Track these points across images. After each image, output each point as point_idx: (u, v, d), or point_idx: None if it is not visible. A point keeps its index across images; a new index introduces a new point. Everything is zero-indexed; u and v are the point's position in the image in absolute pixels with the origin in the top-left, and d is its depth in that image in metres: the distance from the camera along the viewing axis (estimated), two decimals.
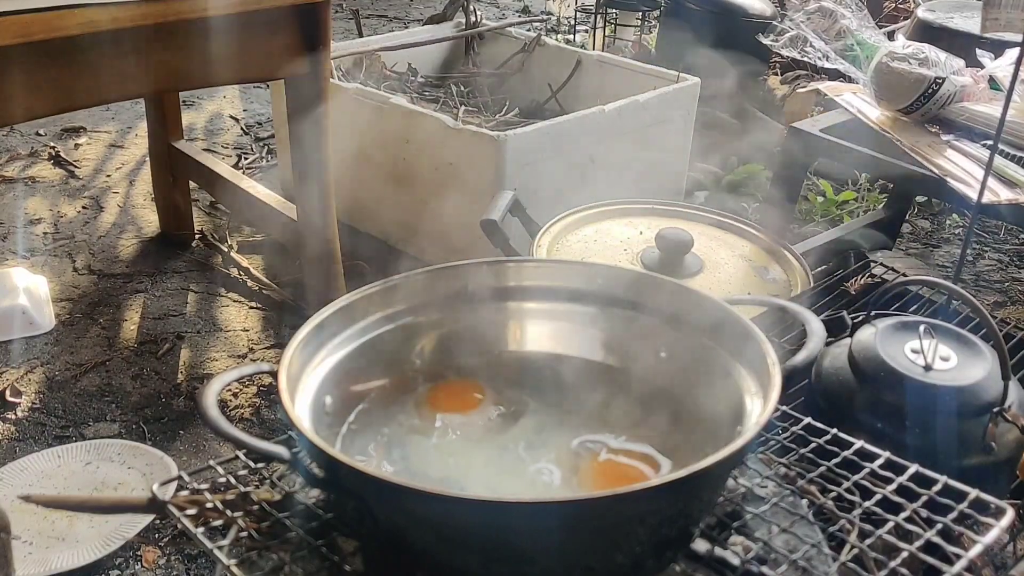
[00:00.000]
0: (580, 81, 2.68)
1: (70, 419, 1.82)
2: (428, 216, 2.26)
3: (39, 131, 3.11)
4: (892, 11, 3.51)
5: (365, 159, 2.33)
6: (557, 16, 4.35)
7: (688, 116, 2.45)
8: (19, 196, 2.71)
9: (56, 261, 2.38)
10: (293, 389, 0.79)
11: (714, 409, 0.84)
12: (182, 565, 1.51)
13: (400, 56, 2.75)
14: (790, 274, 1.47)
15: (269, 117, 3.22)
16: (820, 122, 1.84)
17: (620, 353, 0.94)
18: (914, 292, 1.37)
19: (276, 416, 1.82)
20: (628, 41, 3.57)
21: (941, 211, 2.79)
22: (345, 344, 0.88)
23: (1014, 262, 2.57)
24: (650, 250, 1.45)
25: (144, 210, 2.64)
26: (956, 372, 1.01)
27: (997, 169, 1.56)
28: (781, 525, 0.79)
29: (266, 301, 2.23)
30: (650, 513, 0.68)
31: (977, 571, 0.93)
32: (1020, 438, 1.01)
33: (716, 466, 0.67)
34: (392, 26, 4.45)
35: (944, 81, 1.69)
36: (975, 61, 1.78)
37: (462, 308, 0.96)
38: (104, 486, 1.63)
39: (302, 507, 0.80)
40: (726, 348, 0.85)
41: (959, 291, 1.08)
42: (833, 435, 0.87)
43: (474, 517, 0.66)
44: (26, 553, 1.47)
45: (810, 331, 0.86)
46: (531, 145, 2.08)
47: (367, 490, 0.69)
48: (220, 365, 2.00)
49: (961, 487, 0.77)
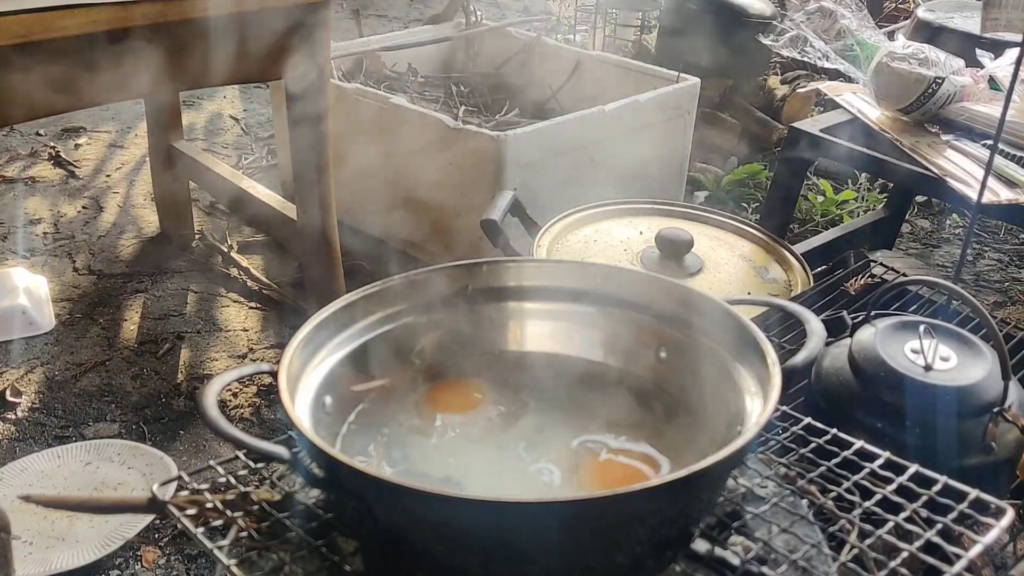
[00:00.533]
0: (580, 81, 2.68)
1: (70, 419, 1.82)
2: (428, 216, 2.26)
3: (39, 131, 3.11)
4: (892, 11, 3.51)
5: (365, 159, 2.33)
6: (557, 16, 4.35)
7: (688, 116, 2.45)
8: (19, 196, 2.71)
9: (56, 261, 2.38)
10: (293, 389, 0.79)
11: (714, 409, 0.84)
12: (182, 565, 1.51)
13: (400, 56, 2.75)
14: (790, 274, 1.47)
15: (269, 117, 3.22)
16: (820, 122, 1.84)
17: (620, 353, 0.94)
18: (914, 292, 1.37)
19: (276, 416, 1.82)
20: (628, 41, 3.57)
21: (941, 211, 2.79)
22: (345, 344, 0.88)
23: (1014, 262, 2.57)
24: (650, 250, 1.45)
25: (144, 210, 2.64)
26: (956, 372, 1.01)
27: (997, 169, 1.56)
28: (781, 525, 0.79)
29: (266, 301, 2.23)
30: (650, 513, 0.68)
31: (977, 571, 0.93)
32: (1020, 438, 1.01)
33: (716, 466, 0.67)
34: (392, 26, 4.45)
35: (944, 81, 1.69)
36: (975, 61, 1.78)
37: (462, 308, 0.96)
38: (104, 486, 1.63)
39: (302, 507, 0.80)
40: (726, 348, 0.85)
41: (959, 291, 1.08)
42: (833, 435, 0.87)
43: (474, 517, 0.66)
44: (26, 553, 1.47)
45: (810, 331, 0.86)
46: (531, 145, 2.08)
47: (367, 490, 0.69)
48: (220, 365, 2.00)
49: (961, 487, 0.77)
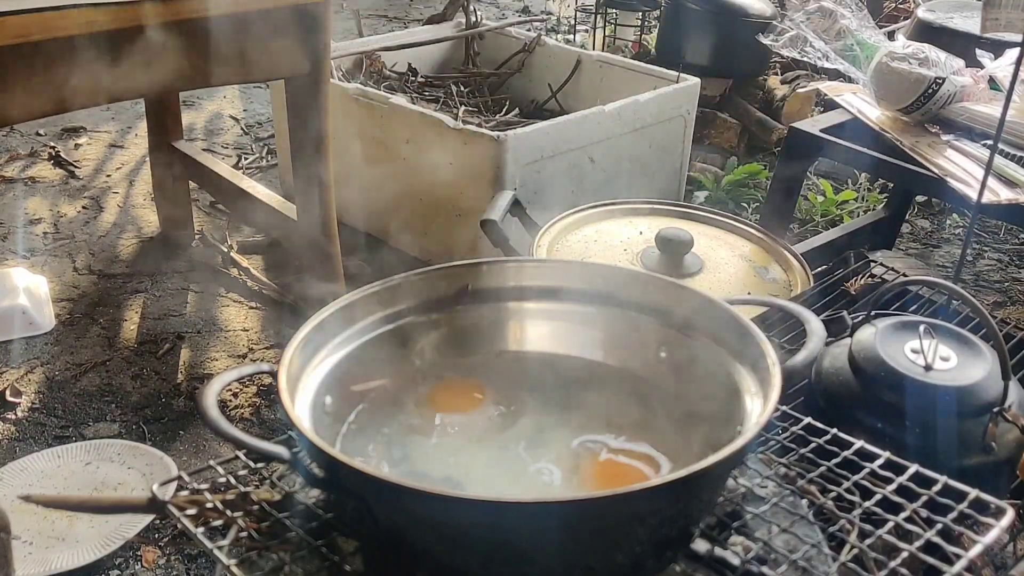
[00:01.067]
0: (580, 81, 2.68)
1: (70, 419, 1.82)
2: (428, 216, 2.26)
3: (39, 131, 3.11)
4: (892, 11, 3.51)
5: (365, 159, 2.33)
6: (557, 16, 4.35)
7: (688, 116, 2.45)
8: (19, 196, 2.71)
9: (56, 261, 2.38)
10: (293, 389, 0.79)
11: (714, 409, 0.84)
12: (182, 565, 1.51)
13: (400, 56, 2.75)
14: (790, 274, 1.47)
15: (269, 117, 3.23)
16: (820, 122, 1.84)
17: (620, 353, 0.94)
18: (914, 292, 1.37)
19: (276, 416, 1.82)
20: (628, 41, 3.57)
21: (941, 211, 2.79)
22: (345, 344, 0.88)
23: (1014, 262, 2.57)
24: (650, 250, 1.45)
25: (144, 210, 2.64)
26: (956, 372, 1.01)
27: (997, 169, 1.56)
28: (781, 525, 0.79)
29: (266, 301, 2.23)
30: (650, 513, 0.68)
31: (977, 571, 0.93)
32: (1020, 438, 1.01)
33: (716, 466, 0.67)
34: (392, 26, 4.45)
35: (944, 81, 1.69)
36: (975, 61, 1.78)
37: (462, 308, 0.96)
38: (104, 486, 1.63)
39: (302, 507, 0.80)
40: (726, 348, 0.85)
41: (959, 291, 1.08)
42: (833, 435, 0.87)
43: (474, 517, 0.66)
44: (26, 553, 1.47)
45: (810, 331, 0.86)
46: (531, 145, 2.08)
47: (367, 490, 0.69)
48: (220, 365, 2.00)
49: (961, 487, 0.77)
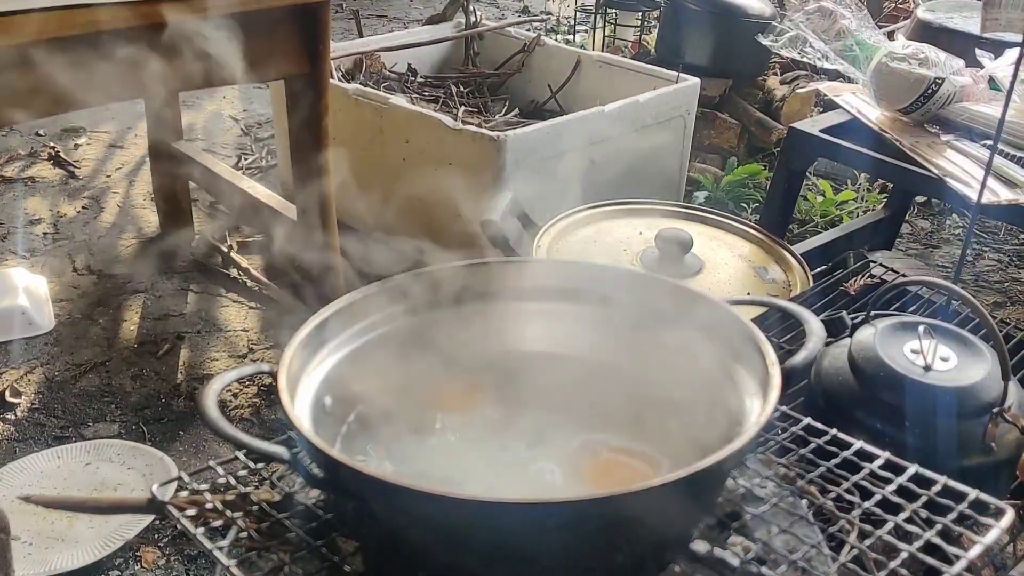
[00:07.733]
0: (580, 81, 2.68)
1: (70, 419, 1.82)
2: (428, 216, 2.26)
3: (39, 131, 3.11)
4: (892, 11, 3.51)
5: (365, 159, 2.33)
6: (557, 16, 4.35)
7: (687, 116, 2.45)
8: (19, 196, 2.71)
9: (56, 261, 2.38)
10: (293, 389, 0.79)
11: (714, 409, 0.84)
12: (182, 566, 1.51)
13: (400, 56, 2.75)
14: (790, 274, 1.47)
15: (269, 117, 3.22)
16: (820, 122, 1.84)
17: (620, 353, 0.94)
18: (914, 292, 1.37)
19: (276, 416, 1.82)
20: (628, 41, 3.57)
21: (941, 211, 2.79)
22: (345, 344, 0.88)
23: (1014, 262, 2.57)
24: (650, 250, 1.45)
25: (144, 210, 2.64)
26: (956, 372, 1.01)
27: (997, 169, 1.56)
28: (781, 525, 0.79)
29: (266, 301, 2.23)
30: (650, 513, 0.68)
31: (977, 571, 0.93)
32: (1020, 438, 1.01)
33: (716, 466, 0.67)
34: (392, 26, 4.45)
35: (944, 81, 1.69)
36: (975, 61, 1.78)
37: (462, 308, 0.96)
38: (104, 486, 1.63)
39: (302, 507, 0.80)
40: (726, 348, 0.85)
41: (959, 291, 1.08)
42: (833, 435, 0.87)
43: (474, 517, 0.66)
44: (26, 553, 1.47)
45: (810, 331, 0.86)
46: (531, 145, 2.08)
47: (367, 490, 0.69)
48: (220, 365, 2.00)
49: (961, 488, 0.77)
